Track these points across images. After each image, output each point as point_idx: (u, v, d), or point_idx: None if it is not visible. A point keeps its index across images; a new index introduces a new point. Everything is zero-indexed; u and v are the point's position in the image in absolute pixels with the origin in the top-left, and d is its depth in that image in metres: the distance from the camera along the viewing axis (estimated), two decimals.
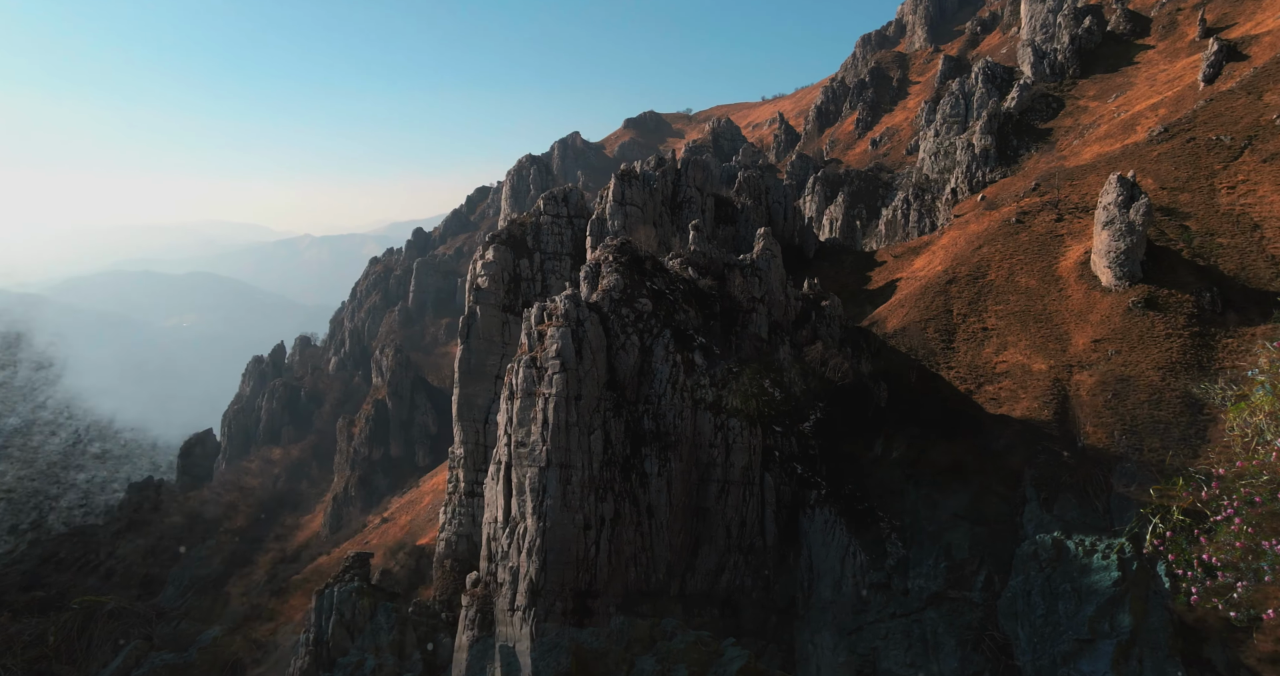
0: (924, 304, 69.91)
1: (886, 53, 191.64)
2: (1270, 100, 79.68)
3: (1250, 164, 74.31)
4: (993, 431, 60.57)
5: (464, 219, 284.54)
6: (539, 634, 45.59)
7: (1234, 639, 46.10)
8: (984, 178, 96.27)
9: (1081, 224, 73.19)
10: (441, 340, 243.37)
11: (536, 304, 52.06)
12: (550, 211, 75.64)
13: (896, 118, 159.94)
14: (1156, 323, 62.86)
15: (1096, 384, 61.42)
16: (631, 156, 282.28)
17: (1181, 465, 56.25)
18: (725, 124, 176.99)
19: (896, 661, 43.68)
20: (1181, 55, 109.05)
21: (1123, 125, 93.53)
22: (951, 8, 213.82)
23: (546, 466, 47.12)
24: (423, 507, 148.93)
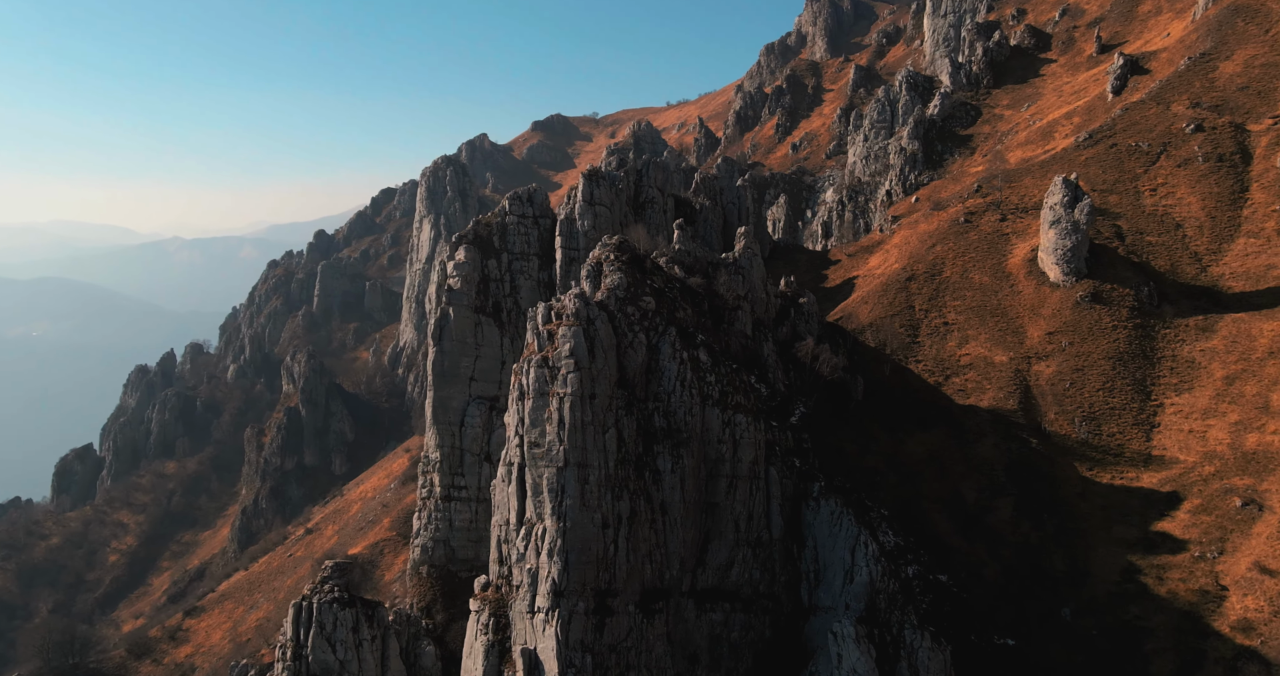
0: (887, 300, 73.00)
1: (800, 61, 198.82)
2: (1177, 110, 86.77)
3: (1167, 168, 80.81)
4: (964, 421, 63.93)
5: (369, 221, 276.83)
6: (564, 635, 45.43)
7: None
8: (916, 180, 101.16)
9: (1023, 223, 77.92)
10: (350, 345, 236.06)
11: (542, 304, 51.77)
12: (516, 212, 75.04)
13: (814, 123, 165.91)
14: (1103, 315, 67.70)
15: (1054, 374, 65.67)
16: (541, 159, 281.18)
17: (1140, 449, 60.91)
18: (645, 127, 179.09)
19: (924, 647, 45.69)
20: (1082, 69, 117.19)
21: (1041, 132, 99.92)
22: (848, 21, 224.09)
23: (564, 466, 46.96)
24: (351, 517, 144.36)
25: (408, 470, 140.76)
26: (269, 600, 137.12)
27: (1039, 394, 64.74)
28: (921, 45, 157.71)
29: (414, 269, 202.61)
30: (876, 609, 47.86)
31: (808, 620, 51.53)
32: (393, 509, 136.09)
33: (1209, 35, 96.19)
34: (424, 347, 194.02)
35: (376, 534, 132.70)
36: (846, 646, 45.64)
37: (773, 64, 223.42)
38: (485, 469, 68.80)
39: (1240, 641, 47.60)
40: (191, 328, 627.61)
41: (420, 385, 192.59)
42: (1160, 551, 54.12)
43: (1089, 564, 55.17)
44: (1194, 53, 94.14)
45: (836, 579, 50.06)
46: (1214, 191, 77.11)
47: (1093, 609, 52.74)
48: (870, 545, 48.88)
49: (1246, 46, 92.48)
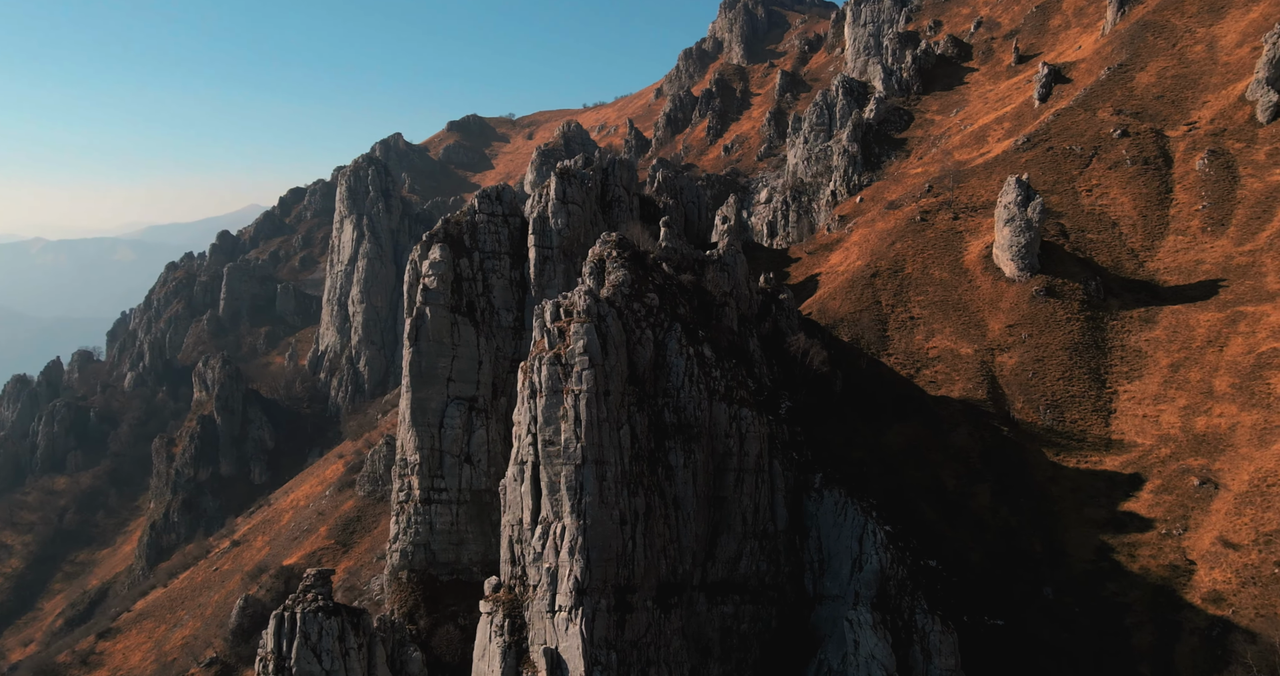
0: (854, 296, 75.29)
1: (728, 66, 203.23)
2: (1103, 116, 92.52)
3: (1099, 171, 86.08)
4: (938, 412, 66.58)
5: (277, 222, 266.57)
6: (589, 632, 45.22)
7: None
8: (859, 181, 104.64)
9: (975, 221, 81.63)
10: (262, 350, 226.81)
11: (549, 301, 51.34)
12: (485, 210, 73.87)
13: (744, 126, 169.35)
14: (1057, 309, 71.65)
15: (1017, 364, 69.12)
16: (458, 159, 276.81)
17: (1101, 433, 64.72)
18: (574, 128, 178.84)
19: (935, 631, 47.46)
20: (1002, 77, 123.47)
21: (974, 136, 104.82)
22: (762, 28, 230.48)
23: (582, 463, 46.73)
24: (283, 526, 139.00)
25: (343, 476, 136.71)
26: (195, 617, 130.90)
27: (1005, 384, 68.07)
28: (843, 53, 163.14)
29: (335, 271, 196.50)
30: (887, 595, 49.45)
31: (813, 609, 52.77)
32: (329, 516, 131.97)
33: (1123, 48, 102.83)
34: (348, 351, 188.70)
35: (313, 543, 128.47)
36: (864, 633, 47.01)
37: (691, 68, 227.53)
38: (466, 470, 67.63)
39: (1212, 611, 51.28)
40: (61, 335, 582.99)
41: (345, 389, 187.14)
42: (1129, 530, 57.74)
43: (1065, 544, 58.38)
44: (1112, 64, 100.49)
45: (843, 567, 51.44)
46: (1143, 192, 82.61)
47: (1072, 587, 55.86)
48: (878, 533, 50.44)
49: (1158, 59, 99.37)
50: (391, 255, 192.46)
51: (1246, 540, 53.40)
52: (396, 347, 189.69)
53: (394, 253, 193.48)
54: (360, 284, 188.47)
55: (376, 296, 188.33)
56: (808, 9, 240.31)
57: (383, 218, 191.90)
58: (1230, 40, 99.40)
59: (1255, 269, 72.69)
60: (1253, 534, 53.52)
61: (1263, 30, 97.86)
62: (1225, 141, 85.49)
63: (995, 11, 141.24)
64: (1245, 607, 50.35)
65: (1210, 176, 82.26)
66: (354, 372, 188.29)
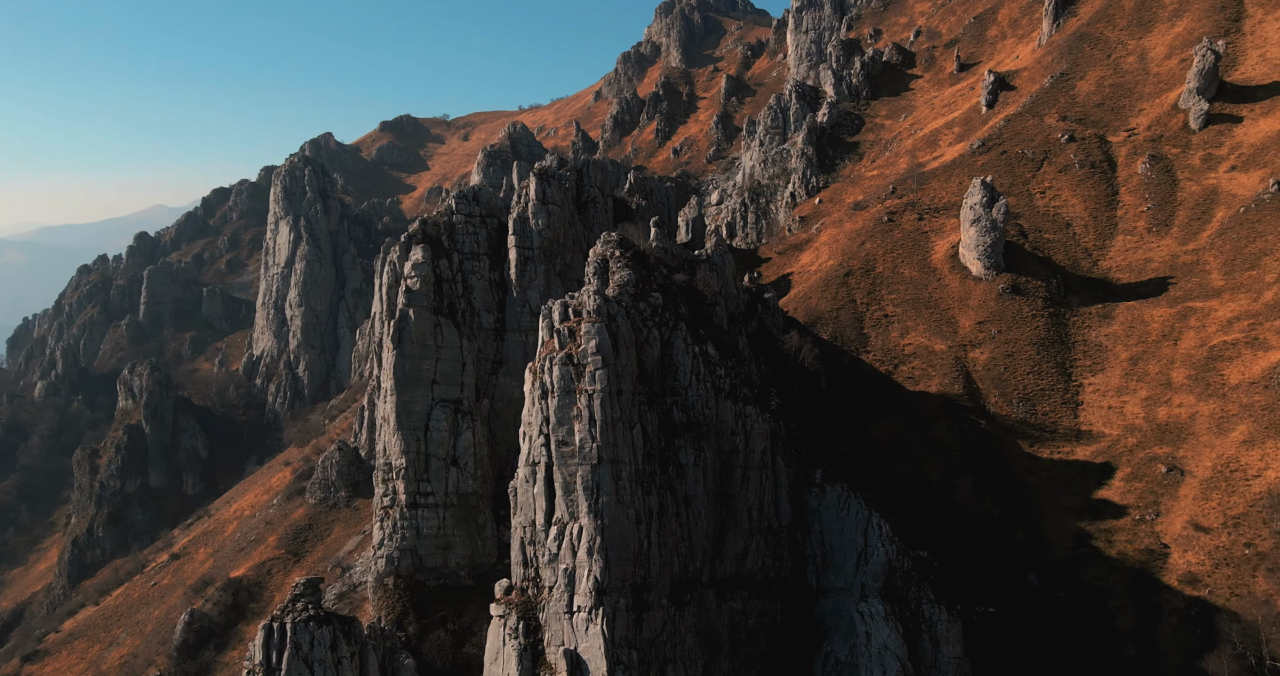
0: (830, 295, 76.96)
1: (673, 70, 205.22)
2: (1050, 122, 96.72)
3: (1050, 173, 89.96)
4: (918, 407, 68.60)
5: (200, 223, 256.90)
6: (610, 632, 45.17)
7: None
8: (817, 183, 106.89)
9: (939, 222, 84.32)
10: (187, 356, 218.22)
11: (557, 301, 50.99)
12: (463, 211, 72.90)
13: (692, 129, 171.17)
14: (1023, 306, 74.62)
15: (988, 360, 71.71)
16: (392, 160, 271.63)
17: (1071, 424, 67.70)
18: (520, 130, 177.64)
19: (942, 620, 48.97)
20: (946, 84, 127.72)
21: (926, 140, 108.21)
22: (699, 33, 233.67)
23: (598, 463, 46.63)
24: (227, 538, 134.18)
25: (292, 484, 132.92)
26: (133, 634, 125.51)
27: (978, 378, 70.56)
28: (785, 58, 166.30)
29: (270, 273, 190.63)
30: (894, 586, 50.76)
31: (817, 602, 53.78)
32: (278, 526, 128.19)
33: (1063, 57, 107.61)
34: (286, 356, 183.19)
35: (262, 553, 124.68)
36: (876, 624, 48.22)
37: (630, 72, 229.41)
38: (452, 473, 66.73)
39: (1189, 592, 54.22)
40: None
41: (284, 395, 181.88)
42: (1104, 517, 60.55)
43: (1045, 532, 60.88)
44: (1054, 72, 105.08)
45: (848, 561, 52.56)
46: (1092, 194, 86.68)
47: (1056, 573, 58.30)
48: (883, 526, 51.74)
49: (1095, 69, 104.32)
50: (331, 257, 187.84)
51: (1216, 523, 56.63)
52: (338, 352, 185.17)
53: (333, 255, 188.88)
54: (299, 287, 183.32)
55: (316, 300, 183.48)
56: (743, 15, 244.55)
57: (321, 219, 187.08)
58: (1159, 52, 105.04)
59: (1200, 267, 77.03)
60: (1221, 517, 56.79)
61: (1187, 43, 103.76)
62: (1163, 147, 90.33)
63: (932, 21, 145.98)
64: (1220, 588, 53.39)
65: (1152, 180, 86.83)
66: (293, 378, 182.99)
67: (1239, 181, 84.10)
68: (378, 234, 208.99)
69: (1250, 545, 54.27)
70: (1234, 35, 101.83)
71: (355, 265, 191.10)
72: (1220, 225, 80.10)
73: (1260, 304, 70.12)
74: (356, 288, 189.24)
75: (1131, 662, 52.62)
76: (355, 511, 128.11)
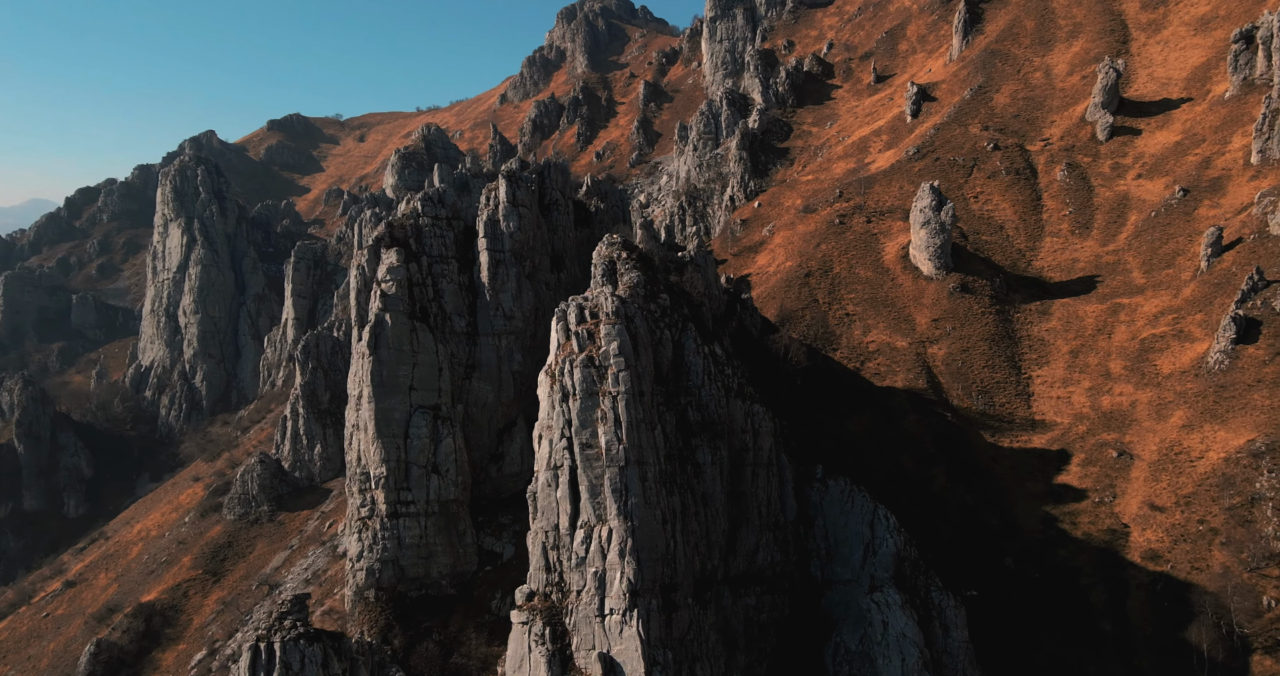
0: (793, 295, 79.05)
1: (592, 75, 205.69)
2: (974, 131, 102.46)
3: (980, 179, 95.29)
4: (887, 401, 71.37)
5: (64, 225, 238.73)
6: (647, 633, 45.12)
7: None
8: (755, 187, 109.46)
9: (886, 224, 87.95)
10: (55, 367, 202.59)
11: (572, 303, 50.46)
12: (429, 213, 70.88)
13: (613, 134, 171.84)
14: (973, 303, 78.77)
15: (947, 355, 75.36)
16: (283, 161, 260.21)
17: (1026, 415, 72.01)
18: (435, 132, 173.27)
19: (949, 606, 51.18)
20: (865, 94, 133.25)
21: (856, 146, 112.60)
22: (604, 40, 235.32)
23: (626, 465, 46.47)
24: (132, 561, 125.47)
25: (206, 500, 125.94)
26: (25, 671, 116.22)
27: (939, 373, 74.06)
28: (700, 66, 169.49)
29: (160, 279, 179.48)
30: (903, 575, 52.73)
31: (823, 594, 55.27)
32: (193, 545, 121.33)
33: (978, 72, 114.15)
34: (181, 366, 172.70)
35: (176, 575, 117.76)
36: (893, 613, 50.00)
37: (535, 75, 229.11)
38: (434, 480, 64.93)
39: (1152, 568, 58.59)
40: None
41: (179, 407, 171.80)
42: (1066, 501, 64.71)
43: (1015, 517, 64.52)
44: (971, 85, 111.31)
45: (854, 553, 54.26)
46: (1019, 199, 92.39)
47: (1029, 555, 61.86)
48: (890, 517, 53.69)
49: (1009, 83, 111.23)
50: (229, 262, 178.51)
51: (1169, 503, 61.47)
52: (239, 361, 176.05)
53: (231, 259, 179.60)
54: (194, 293, 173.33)
55: (214, 306, 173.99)
56: (644, 24, 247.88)
57: (217, 222, 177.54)
58: (1062, 69, 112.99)
59: (1121, 266, 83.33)
60: (1173, 497, 61.68)
61: (1085, 62, 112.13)
62: (1076, 156, 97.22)
63: (841, 35, 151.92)
64: (1180, 562, 57.97)
65: (1070, 186, 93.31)
66: (189, 389, 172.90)
67: (1146, 188, 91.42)
68: (278, 237, 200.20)
69: (1203, 521, 59.21)
70: (1125, 56, 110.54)
71: (257, 270, 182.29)
72: (1135, 228, 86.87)
73: (1180, 299, 76.46)
74: (259, 293, 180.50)
75: (1107, 637, 56.43)
76: (279, 526, 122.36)
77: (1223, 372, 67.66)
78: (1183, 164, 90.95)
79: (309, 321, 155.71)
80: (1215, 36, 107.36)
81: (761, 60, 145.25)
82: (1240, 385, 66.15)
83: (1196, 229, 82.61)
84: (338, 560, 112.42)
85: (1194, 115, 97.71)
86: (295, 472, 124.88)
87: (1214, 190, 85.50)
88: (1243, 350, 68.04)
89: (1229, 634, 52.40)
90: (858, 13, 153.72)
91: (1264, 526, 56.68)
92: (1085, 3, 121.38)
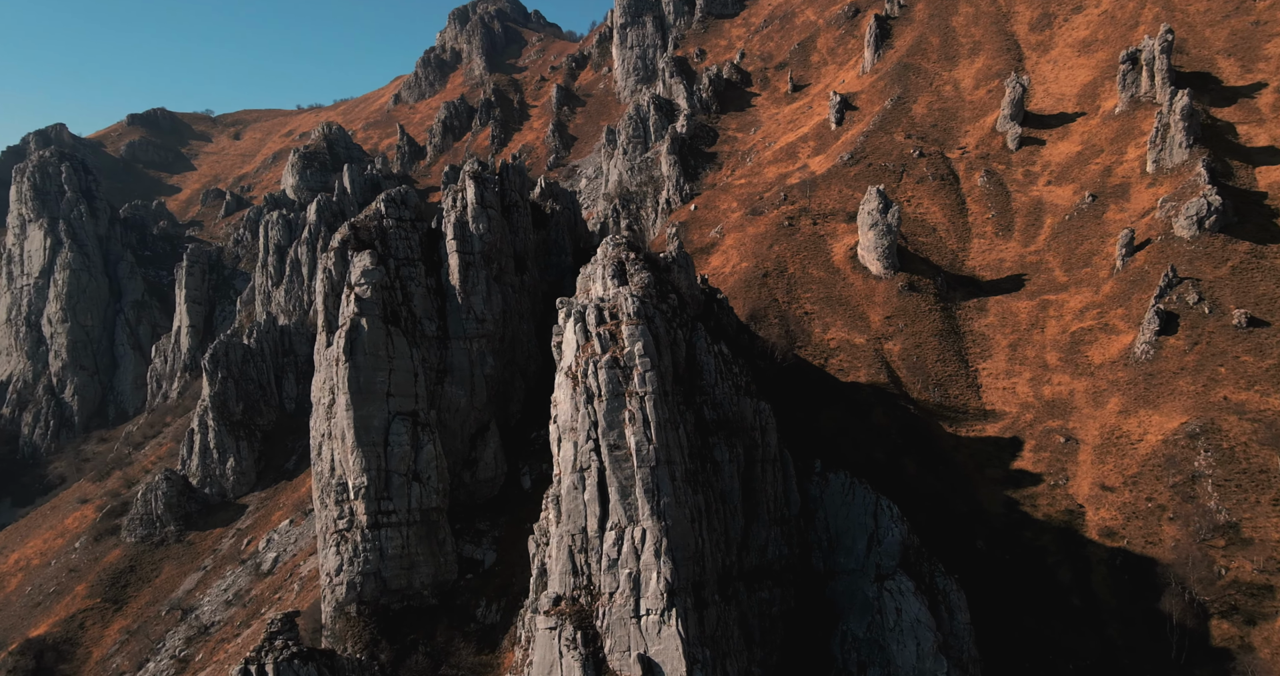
0: (753, 295, 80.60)
1: (503, 78, 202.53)
2: (899, 139, 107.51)
3: (910, 184, 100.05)
4: (854, 396, 73.82)
5: None
6: (686, 632, 45.00)
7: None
8: (689, 190, 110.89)
9: (831, 226, 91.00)
10: None
11: (590, 303, 49.75)
12: (394, 215, 67.97)
13: (528, 136, 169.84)
14: (920, 301, 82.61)
15: (902, 351, 78.71)
16: (148, 158, 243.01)
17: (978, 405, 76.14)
18: (336, 131, 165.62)
19: (953, 590, 53.37)
20: (784, 103, 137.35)
21: (784, 152, 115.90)
22: (501, 42, 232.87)
23: (656, 465, 46.23)
24: (12, 593, 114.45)
25: (99, 522, 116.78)
26: None
27: (897, 368, 77.27)
28: (610, 72, 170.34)
29: (18, 285, 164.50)
30: (908, 562, 54.70)
31: (825, 585, 56.63)
32: (87, 572, 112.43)
33: (895, 83, 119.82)
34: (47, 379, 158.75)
35: (69, 605, 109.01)
36: (906, 600, 51.82)
37: (430, 76, 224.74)
38: (415, 489, 62.48)
39: (1110, 544, 63.13)
40: None
41: (46, 424, 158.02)
42: (1024, 485, 68.85)
43: (981, 502, 68.06)
44: (890, 96, 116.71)
45: (858, 543, 55.83)
46: (946, 203, 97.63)
47: (997, 538, 65.34)
48: (893, 508, 55.54)
49: (923, 94, 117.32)
50: (102, 266, 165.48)
51: (1118, 483, 66.43)
52: (115, 372, 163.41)
53: (104, 263, 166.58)
54: (61, 300, 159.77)
55: (85, 314, 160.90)
56: (539, 28, 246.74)
57: (87, 223, 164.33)
58: (968, 83, 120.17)
59: (1044, 265, 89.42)
60: (1120, 477, 66.71)
61: (988, 77, 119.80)
62: (992, 163, 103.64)
63: (751, 46, 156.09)
64: (1135, 538, 62.75)
65: (990, 191, 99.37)
66: (57, 404, 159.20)
67: (1057, 193, 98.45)
68: (156, 240, 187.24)
69: (1151, 499, 64.33)
70: (1021, 73, 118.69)
71: (135, 275, 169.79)
72: (1052, 230, 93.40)
73: (1102, 295, 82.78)
74: (139, 300, 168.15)
75: (1078, 611, 60.42)
76: (189, 547, 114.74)
77: (1149, 362, 73.71)
78: (1086, 172, 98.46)
79: (206, 329, 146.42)
80: (1098, 57, 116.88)
81: (677, 67, 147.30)
82: (1166, 373, 72.28)
83: (1107, 231, 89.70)
84: (261, 578, 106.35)
85: (1089, 128, 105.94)
86: (205, 489, 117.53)
87: (1118, 196, 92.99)
88: (1165, 341, 74.39)
89: (1191, 602, 57.16)
90: (764, 24, 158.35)
91: (1206, 501, 62.14)
92: (982, 23, 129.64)
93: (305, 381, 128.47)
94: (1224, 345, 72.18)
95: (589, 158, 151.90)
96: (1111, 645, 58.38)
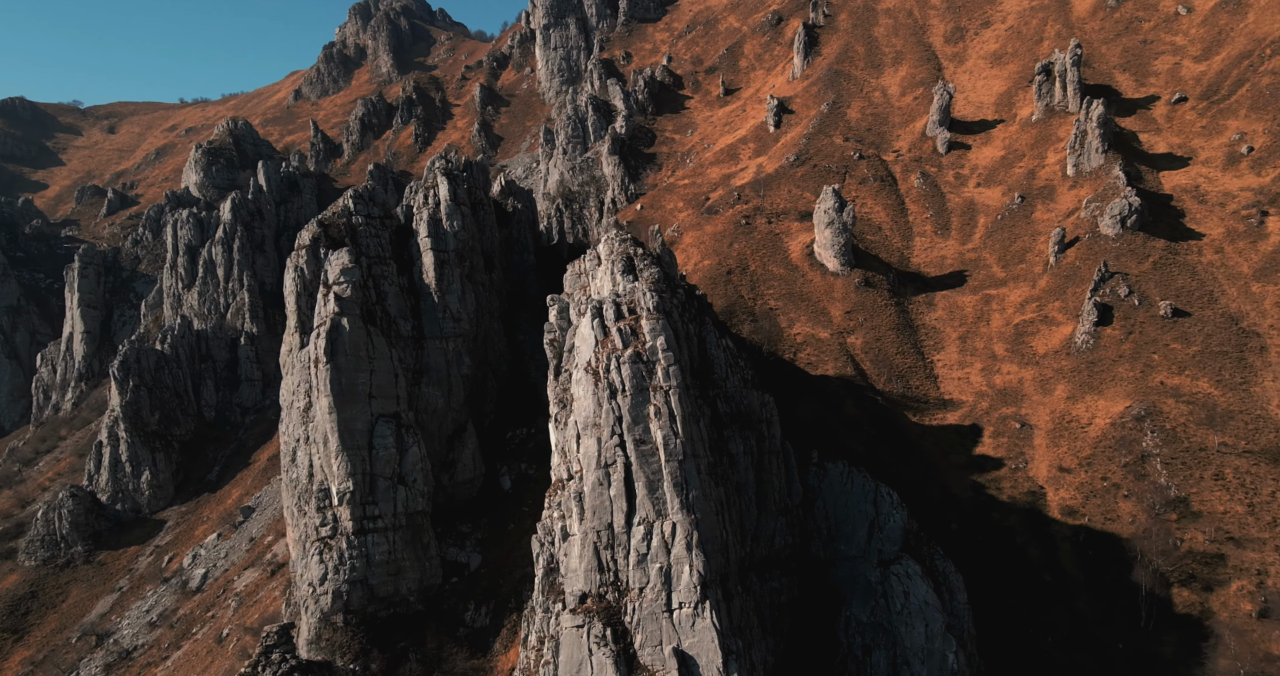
0: (720, 292, 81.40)
1: (423, 75, 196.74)
2: (838, 142, 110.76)
3: (853, 185, 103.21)
4: (825, 389, 75.56)
5: None
6: (719, 623, 45.02)
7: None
8: (634, 190, 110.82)
9: (785, 225, 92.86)
10: None
11: (607, 299, 49.10)
12: (362, 212, 65.17)
13: (453, 135, 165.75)
14: (876, 297, 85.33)
15: (864, 344, 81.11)
16: (9, 152, 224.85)
17: (937, 395, 79.25)
18: (243, 126, 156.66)
19: (952, 572, 55.25)
20: (716, 106, 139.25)
21: (725, 153, 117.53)
22: (408, 40, 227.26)
23: (684, 459, 46.12)
24: None
25: None
26: None
27: (861, 361, 79.55)
28: (534, 73, 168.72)
29: None
30: (910, 547, 56.35)
31: (827, 572, 57.75)
32: None
33: (828, 88, 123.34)
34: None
35: None
36: (913, 583, 53.41)
37: (334, 72, 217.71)
38: (400, 492, 60.31)
39: (1072, 523, 66.86)
40: None
41: None
42: (987, 469, 72.13)
43: (949, 487, 70.87)
44: (826, 101, 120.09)
45: (859, 530, 57.19)
46: (888, 203, 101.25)
47: (969, 521, 68.24)
48: (893, 495, 57.13)
49: (856, 100, 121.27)
50: None
51: (1073, 464, 70.44)
52: None
53: None
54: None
55: None
56: (448, 27, 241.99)
57: None
58: (895, 90, 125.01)
59: (982, 262, 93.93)
60: (1075, 459, 70.77)
61: (912, 84, 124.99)
62: (925, 166, 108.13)
63: (677, 50, 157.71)
64: (1095, 515, 66.69)
65: (927, 192, 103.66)
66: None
67: (986, 195, 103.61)
68: (29, 240, 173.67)
69: (1106, 478, 68.53)
70: (945, 82, 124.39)
71: (8, 277, 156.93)
72: (986, 229, 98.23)
73: (1039, 290, 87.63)
74: (14, 305, 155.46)
75: (1049, 587, 63.73)
76: (100, 567, 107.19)
77: (1090, 351, 78.50)
78: (1012, 175, 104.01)
79: (104, 335, 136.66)
80: (1009, 69, 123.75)
81: (604, 69, 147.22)
82: (1106, 361, 77.13)
83: (1037, 230, 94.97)
84: (189, 597, 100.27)
85: (1009, 134, 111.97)
86: (117, 505, 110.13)
87: (1044, 197, 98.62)
88: (1102, 331, 79.38)
89: (1155, 573, 61.19)
90: (688, 29, 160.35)
91: (1158, 478, 66.68)
92: (901, 34, 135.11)
93: (226, 388, 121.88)
94: (1155, 334, 77.51)
95: (517, 158, 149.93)
96: (1082, 617, 61.83)
